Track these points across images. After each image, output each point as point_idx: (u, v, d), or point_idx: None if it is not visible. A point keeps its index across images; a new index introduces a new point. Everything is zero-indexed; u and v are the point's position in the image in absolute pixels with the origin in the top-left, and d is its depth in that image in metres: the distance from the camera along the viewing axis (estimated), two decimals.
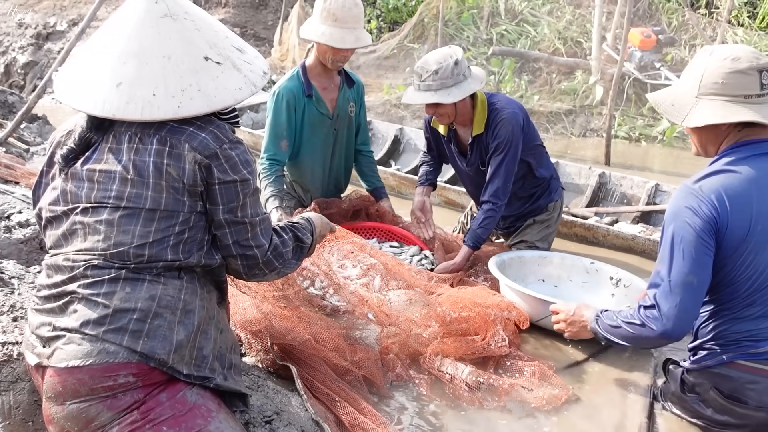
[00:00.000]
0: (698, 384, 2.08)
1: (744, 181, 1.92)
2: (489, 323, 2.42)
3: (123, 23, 1.60)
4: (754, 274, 1.94)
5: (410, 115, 7.68)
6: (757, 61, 1.93)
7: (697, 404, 2.09)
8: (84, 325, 1.49)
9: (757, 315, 1.96)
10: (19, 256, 2.58)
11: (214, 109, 1.58)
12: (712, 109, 1.95)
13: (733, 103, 1.93)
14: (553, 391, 2.23)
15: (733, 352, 1.98)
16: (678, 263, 1.95)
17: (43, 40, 10.59)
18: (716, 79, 1.95)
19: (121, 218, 1.55)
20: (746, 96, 1.92)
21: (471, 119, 3.13)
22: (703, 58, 2.00)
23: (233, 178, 1.61)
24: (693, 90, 2.00)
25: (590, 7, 8.79)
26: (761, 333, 1.95)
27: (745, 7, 8.60)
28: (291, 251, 1.86)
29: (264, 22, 10.36)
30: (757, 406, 1.95)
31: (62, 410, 1.49)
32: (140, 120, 1.55)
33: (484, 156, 3.16)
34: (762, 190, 1.92)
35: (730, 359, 1.98)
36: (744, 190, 1.91)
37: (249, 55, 1.70)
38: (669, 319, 1.97)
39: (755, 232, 1.91)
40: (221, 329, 1.68)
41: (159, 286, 1.56)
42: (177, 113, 1.54)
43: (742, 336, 1.98)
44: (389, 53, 9.12)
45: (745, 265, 1.93)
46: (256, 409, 1.84)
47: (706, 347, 2.06)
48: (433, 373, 2.32)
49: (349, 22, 3.07)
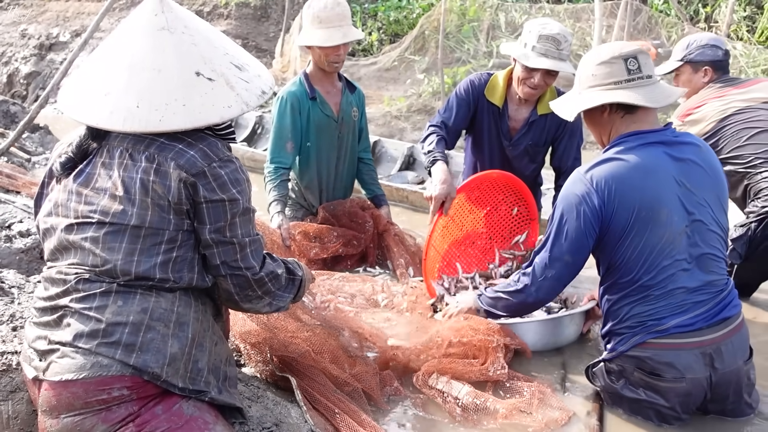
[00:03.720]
0: (622, 369, 2.17)
1: (630, 168, 2.08)
2: (490, 350, 2.37)
3: (124, 35, 1.61)
4: (643, 256, 2.07)
5: (411, 126, 7.69)
6: (621, 50, 2.13)
7: (627, 389, 2.17)
8: (77, 339, 1.49)
9: (655, 295, 2.08)
10: (20, 266, 2.59)
11: (196, 125, 1.55)
12: (586, 98, 2.17)
13: (605, 90, 2.13)
14: (553, 414, 2.18)
15: (641, 333, 2.10)
16: (560, 241, 2.17)
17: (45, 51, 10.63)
18: (588, 73, 2.17)
19: (106, 235, 1.54)
20: (616, 82, 2.11)
21: (539, 98, 3.09)
22: (580, 62, 2.24)
23: (221, 197, 1.58)
24: (576, 88, 2.24)
25: (590, 20, 8.82)
26: (662, 310, 2.08)
27: (744, 21, 8.64)
28: (284, 279, 1.82)
29: (266, 34, 10.40)
30: (674, 377, 2.07)
31: (57, 424, 1.49)
32: (121, 131, 1.54)
33: (544, 135, 3.15)
34: (646, 177, 2.07)
35: (640, 340, 2.10)
36: (630, 178, 2.07)
37: (249, 74, 1.67)
38: (542, 287, 2.25)
39: (640, 217, 2.06)
40: (216, 341, 1.67)
41: (151, 299, 1.55)
42: (157, 127, 1.52)
43: (645, 317, 2.10)
44: (390, 65, 9.15)
45: (633, 247, 2.08)
46: (256, 421, 1.84)
47: (616, 332, 2.18)
48: (425, 393, 2.27)
49: (333, 21, 3.17)
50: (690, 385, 2.08)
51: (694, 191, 2.10)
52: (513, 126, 3.18)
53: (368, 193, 3.67)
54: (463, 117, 3.18)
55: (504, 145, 3.20)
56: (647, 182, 2.07)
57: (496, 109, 3.16)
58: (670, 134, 2.15)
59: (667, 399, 2.11)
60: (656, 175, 2.08)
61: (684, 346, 2.07)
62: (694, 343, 2.07)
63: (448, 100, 3.22)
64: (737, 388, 2.15)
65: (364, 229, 3.41)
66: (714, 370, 2.08)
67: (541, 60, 2.85)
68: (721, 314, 2.11)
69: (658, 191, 2.07)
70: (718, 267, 2.14)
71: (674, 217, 2.07)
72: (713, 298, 2.11)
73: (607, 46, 2.19)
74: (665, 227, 2.06)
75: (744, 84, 3.16)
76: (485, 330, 2.42)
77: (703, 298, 2.09)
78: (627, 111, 2.13)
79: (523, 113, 3.15)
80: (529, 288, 2.28)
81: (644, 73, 2.11)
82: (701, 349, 2.07)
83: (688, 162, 2.12)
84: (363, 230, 3.41)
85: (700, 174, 2.13)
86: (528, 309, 2.45)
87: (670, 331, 2.07)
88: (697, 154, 2.15)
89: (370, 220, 3.43)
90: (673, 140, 2.14)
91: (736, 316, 2.15)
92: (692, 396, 2.11)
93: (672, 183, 2.08)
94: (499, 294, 2.41)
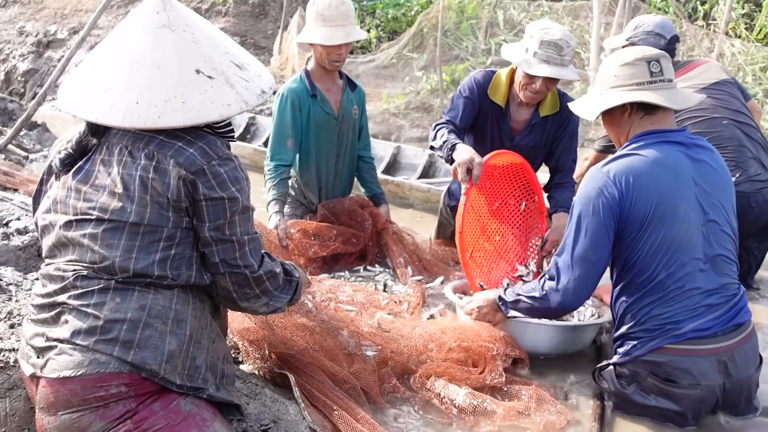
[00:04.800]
0: (634, 374, 2.15)
1: (648, 163, 2.09)
2: (489, 358, 2.35)
3: (125, 32, 1.62)
4: (661, 251, 2.06)
5: (409, 124, 7.69)
6: (644, 53, 2.16)
7: (638, 394, 2.15)
8: (75, 336, 1.49)
9: (673, 295, 2.06)
10: (17, 263, 2.58)
11: (196, 122, 1.55)
12: (609, 98, 2.17)
13: (627, 90, 2.14)
14: (551, 417, 2.16)
15: (659, 338, 2.08)
16: (581, 240, 2.13)
17: (43, 48, 10.61)
18: (611, 73, 2.18)
19: (105, 232, 1.54)
20: (638, 84, 2.13)
21: (540, 101, 3.10)
22: (603, 63, 2.26)
23: (220, 195, 1.58)
24: (597, 89, 2.25)
25: (588, 18, 8.82)
26: (679, 314, 2.06)
27: (742, 19, 8.64)
28: (281, 279, 1.82)
29: (264, 31, 10.38)
30: (690, 384, 2.06)
31: (54, 421, 1.48)
32: (120, 127, 1.54)
33: (545, 137, 3.15)
34: (665, 172, 2.08)
35: (658, 345, 2.08)
36: (648, 172, 2.08)
37: (250, 73, 1.67)
38: (567, 290, 2.17)
39: (658, 211, 2.05)
40: (213, 339, 1.67)
41: (149, 296, 1.55)
42: (157, 123, 1.52)
43: (663, 320, 2.08)
44: (388, 63, 9.14)
45: (651, 241, 2.07)
46: (254, 417, 1.84)
47: (631, 336, 2.15)
48: (422, 394, 2.26)
49: (337, 19, 3.15)
50: (704, 392, 2.07)
51: (709, 192, 2.11)
52: (514, 126, 3.18)
53: (368, 192, 3.66)
54: (469, 115, 3.14)
55: (506, 145, 3.17)
56: (666, 176, 2.08)
57: (498, 109, 3.15)
58: (686, 136, 2.17)
59: (680, 405, 2.09)
60: (675, 172, 2.09)
61: (700, 353, 2.06)
62: (710, 350, 2.06)
63: (453, 99, 3.19)
64: (748, 394, 2.16)
65: (363, 227, 3.40)
66: (728, 377, 2.08)
67: (542, 67, 2.81)
68: (734, 320, 2.10)
69: (677, 186, 2.08)
70: (730, 270, 2.14)
71: (691, 213, 2.07)
72: (727, 302, 2.10)
73: (631, 49, 2.22)
74: (684, 222, 2.06)
75: (683, 69, 3.19)
76: (488, 337, 2.40)
77: (717, 302, 2.08)
78: (647, 112, 2.14)
79: (525, 114, 3.15)
80: (553, 293, 2.21)
81: (666, 76, 2.14)
82: (717, 356, 2.06)
83: (704, 163, 2.14)
84: (362, 228, 3.40)
85: (714, 176, 2.15)
86: (552, 314, 2.39)
87: (687, 336, 2.05)
88: (711, 157, 2.19)
89: (369, 219, 3.43)
90: (689, 142, 2.16)
91: (748, 322, 2.14)
92: (705, 403, 2.10)
93: (690, 181, 2.09)
94: (520, 297, 2.36)
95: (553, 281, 2.21)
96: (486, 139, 3.21)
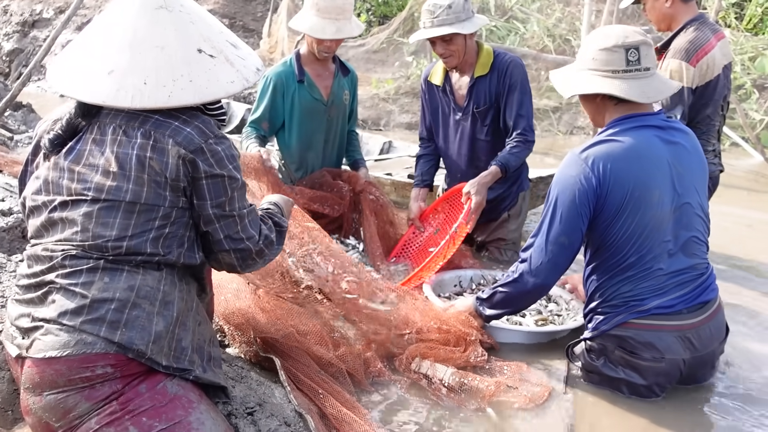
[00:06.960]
0: (603, 348, 2.23)
1: (625, 149, 2.11)
2: (468, 342, 2.40)
3: (119, 13, 1.61)
4: (633, 237, 2.11)
5: (398, 109, 7.67)
6: (625, 39, 2.12)
7: (608, 368, 2.22)
8: (62, 316, 1.49)
9: (638, 276, 2.14)
10: (1, 245, 2.56)
11: (204, 100, 1.58)
12: (583, 81, 2.18)
13: (602, 76, 2.14)
14: (535, 389, 2.23)
15: (624, 313, 2.16)
16: (555, 224, 2.18)
17: (29, 28, 10.46)
18: (590, 55, 2.17)
19: (100, 210, 1.55)
20: (614, 71, 2.13)
21: (474, 63, 3.19)
22: (587, 37, 2.25)
23: (220, 172, 1.61)
24: (576, 63, 2.24)
25: (579, 5, 8.81)
26: (644, 292, 2.14)
27: (732, 8, 8.67)
28: (275, 236, 1.86)
29: (253, 14, 10.29)
30: (654, 357, 2.13)
31: (40, 401, 1.48)
32: (130, 108, 1.54)
33: (487, 97, 3.20)
34: (641, 158, 2.11)
35: (623, 320, 2.16)
36: (624, 158, 2.11)
37: (243, 51, 1.71)
38: (540, 272, 2.23)
39: (633, 198, 2.09)
40: (199, 321, 1.68)
41: (138, 277, 1.55)
42: (167, 103, 1.54)
43: (628, 297, 2.16)
44: (378, 47, 9.11)
45: (624, 227, 2.11)
46: (239, 401, 1.84)
47: (599, 312, 2.23)
48: (408, 376, 2.29)
49: (331, 12, 3.11)
50: (668, 366, 2.16)
51: (684, 174, 2.16)
52: (460, 95, 3.30)
53: (348, 159, 3.64)
54: (430, 114, 3.40)
55: (457, 118, 3.31)
56: (641, 163, 2.11)
57: (439, 88, 3.32)
58: (662, 119, 2.21)
59: (645, 377, 2.18)
60: (649, 157, 2.12)
61: (664, 328, 2.13)
62: (675, 326, 2.14)
63: (421, 108, 3.44)
64: (711, 366, 2.29)
65: (342, 194, 3.39)
66: (692, 352, 2.15)
67: (421, 32, 3.07)
68: (700, 298, 2.17)
69: (652, 172, 2.11)
70: (700, 250, 2.20)
71: (665, 198, 2.12)
72: (694, 281, 2.16)
73: (615, 31, 2.16)
74: (657, 208, 2.11)
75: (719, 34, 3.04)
76: (464, 321, 2.46)
77: (684, 281, 2.15)
78: (620, 100, 2.15)
79: (465, 81, 3.25)
80: (527, 275, 2.26)
81: (642, 65, 2.13)
82: (680, 333, 2.14)
83: (679, 146, 2.18)
84: (341, 196, 3.38)
85: (688, 158, 2.19)
86: (528, 297, 2.37)
87: (651, 312, 2.13)
88: (686, 139, 2.22)
89: (345, 185, 3.41)
90: (665, 125, 2.20)
91: (714, 300, 2.21)
92: (670, 376, 2.19)
93: (665, 165, 2.13)
94: (496, 290, 2.39)
95: (525, 263, 2.27)
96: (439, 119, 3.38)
